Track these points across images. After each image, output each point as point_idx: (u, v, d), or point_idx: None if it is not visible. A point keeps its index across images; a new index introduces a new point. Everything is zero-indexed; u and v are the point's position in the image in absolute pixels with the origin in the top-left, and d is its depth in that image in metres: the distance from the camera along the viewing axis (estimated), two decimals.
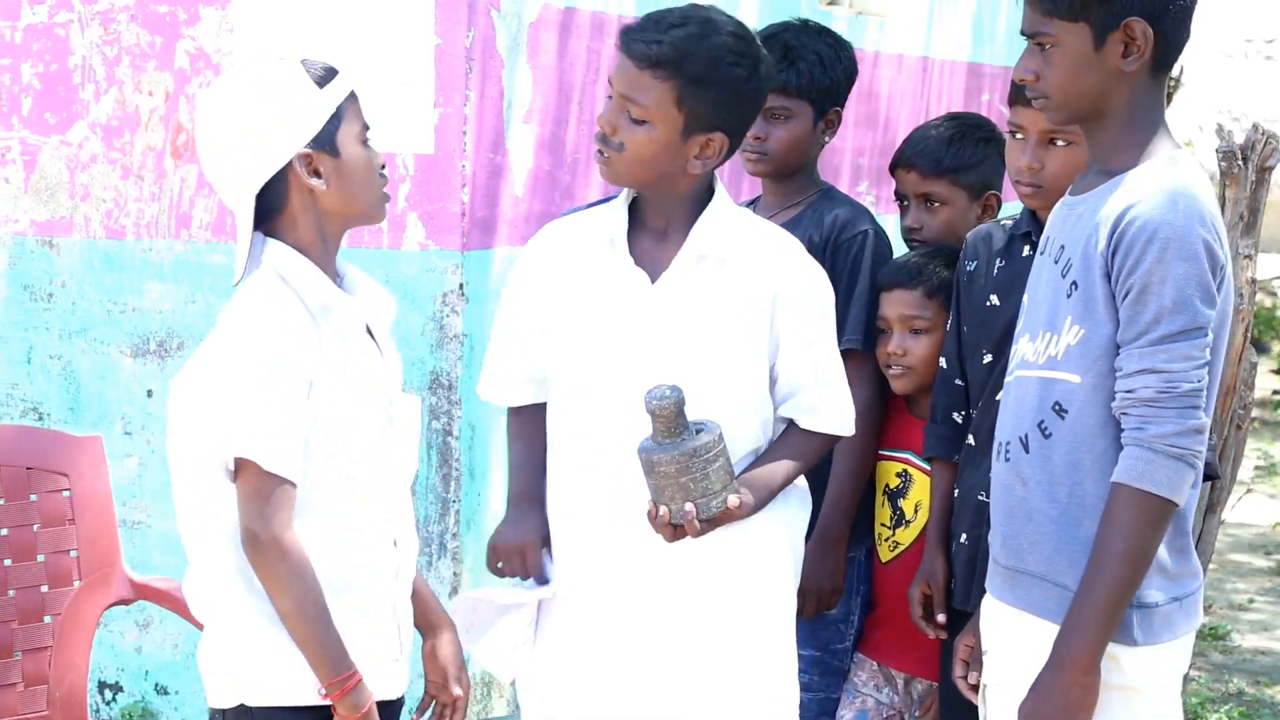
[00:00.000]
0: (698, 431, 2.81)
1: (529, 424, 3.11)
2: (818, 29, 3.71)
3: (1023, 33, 2.79)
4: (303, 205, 2.67)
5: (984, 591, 3.09)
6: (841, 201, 3.66)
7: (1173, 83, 12.32)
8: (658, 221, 2.90)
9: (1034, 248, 3.19)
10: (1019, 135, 3.22)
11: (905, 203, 3.71)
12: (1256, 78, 16.55)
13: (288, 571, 2.57)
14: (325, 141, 2.66)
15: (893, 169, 3.74)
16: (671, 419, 2.77)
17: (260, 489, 2.57)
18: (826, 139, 3.68)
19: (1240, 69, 16.72)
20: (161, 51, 4.38)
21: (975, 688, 3.14)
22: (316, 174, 2.66)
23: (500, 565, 3.03)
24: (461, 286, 4.21)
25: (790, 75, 3.56)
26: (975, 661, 3.12)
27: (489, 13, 4.23)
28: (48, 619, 3.26)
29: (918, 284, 3.47)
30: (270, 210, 2.67)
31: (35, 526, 3.27)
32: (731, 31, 2.84)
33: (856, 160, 6.53)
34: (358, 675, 2.62)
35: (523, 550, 2.99)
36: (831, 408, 2.96)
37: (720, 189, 2.93)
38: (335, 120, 2.66)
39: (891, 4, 6.83)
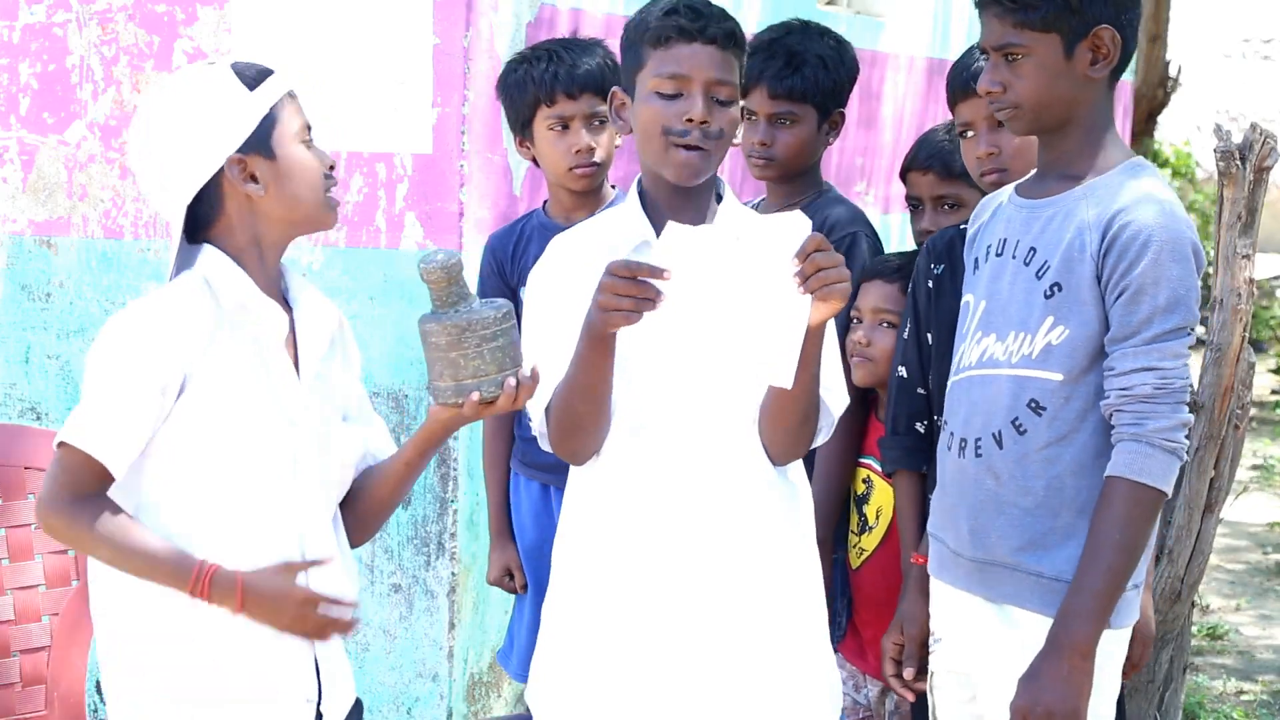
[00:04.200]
0: (484, 307, 2.60)
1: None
2: (819, 30, 3.71)
3: (985, 47, 2.81)
4: (239, 213, 2.63)
5: None
6: (837, 202, 3.66)
7: (1171, 83, 12.34)
8: (682, 217, 2.76)
9: None
10: (970, 134, 3.25)
11: (919, 206, 3.71)
12: (1254, 78, 16.56)
13: (87, 533, 2.53)
14: (259, 145, 2.60)
15: (904, 173, 3.73)
16: (442, 285, 2.57)
17: (67, 465, 2.54)
18: (831, 140, 3.69)
19: (1238, 69, 16.73)
20: (160, 51, 4.38)
21: (909, 685, 3.15)
22: (253, 179, 2.60)
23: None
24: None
25: (795, 80, 3.56)
26: (908, 657, 3.13)
27: (487, 13, 4.23)
28: (45, 619, 3.26)
29: (897, 279, 3.47)
30: (207, 219, 2.62)
31: (33, 526, 3.27)
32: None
33: (855, 160, 6.54)
34: (210, 566, 2.53)
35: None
36: (834, 382, 2.82)
37: (726, 186, 2.89)
38: (269, 122, 2.61)
39: (890, 4, 6.84)
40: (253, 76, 2.62)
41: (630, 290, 2.53)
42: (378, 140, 4.21)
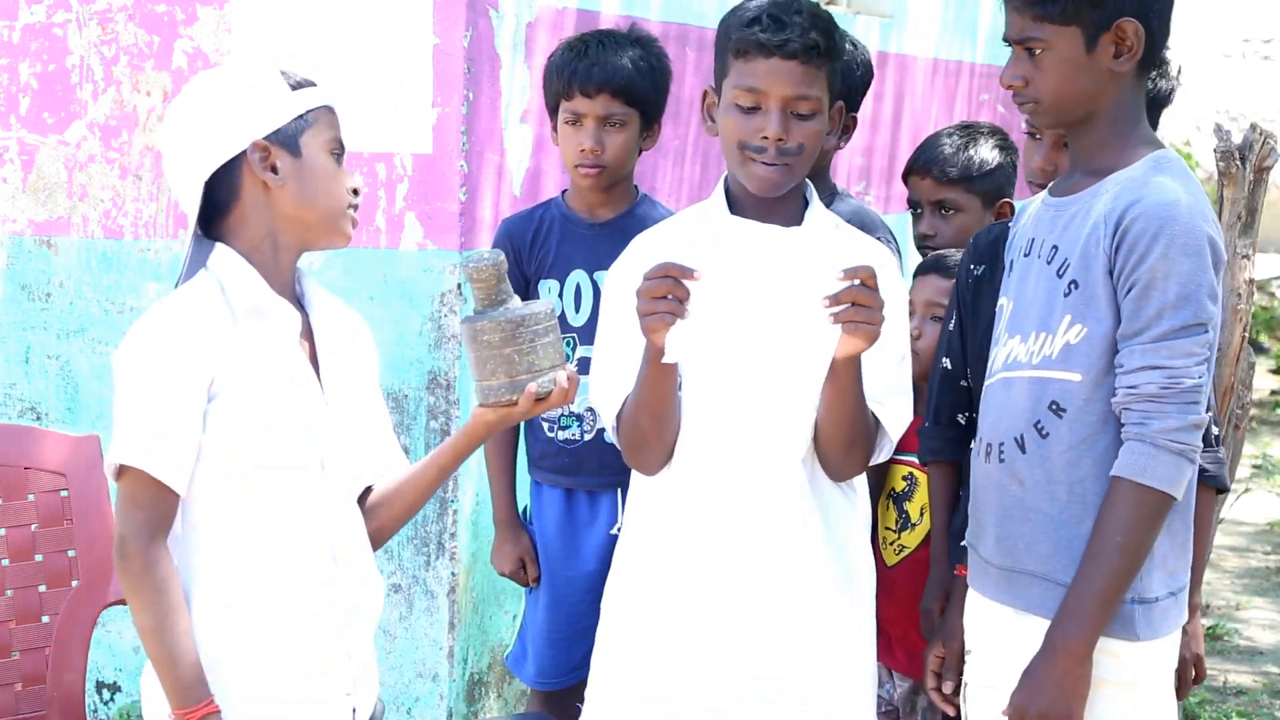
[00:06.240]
0: (531, 304, 2.64)
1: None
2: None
3: (1007, 39, 2.78)
4: (255, 204, 2.61)
5: None
6: (854, 208, 3.66)
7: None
8: (769, 221, 2.77)
9: None
10: (1037, 136, 3.24)
11: (919, 210, 3.72)
12: (1254, 78, 16.55)
13: (151, 586, 2.52)
14: (287, 139, 2.60)
15: (906, 176, 3.74)
16: (491, 285, 2.59)
17: (137, 494, 2.53)
18: (842, 144, 3.68)
19: (1238, 69, 16.71)
20: (159, 51, 4.38)
21: (949, 696, 3.15)
22: (273, 170, 2.60)
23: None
24: (459, 286, 4.21)
25: None
26: (948, 670, 3.13)
27: (487, 12, 4.23)
28: (45, 619, 3.25)
29: (953, 275, 3.48)
30: (222, 206, 2.62)
31: (33, 526, 3.27)
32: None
33: (855, 160, 6.53)
34: (214, 707, 2.54)
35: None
36: (896, 402, 2.83)
37: (813, 191, 2.92)
38: (302, 122, 2.61)
39: (890, 4, 6.83)
40: (297, 80, 2.64)
41: (662, 290, 2.55)
42: (378, 140, 4.21)
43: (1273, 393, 10.94)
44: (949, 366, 3.35)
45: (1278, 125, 5.47)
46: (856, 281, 2.54)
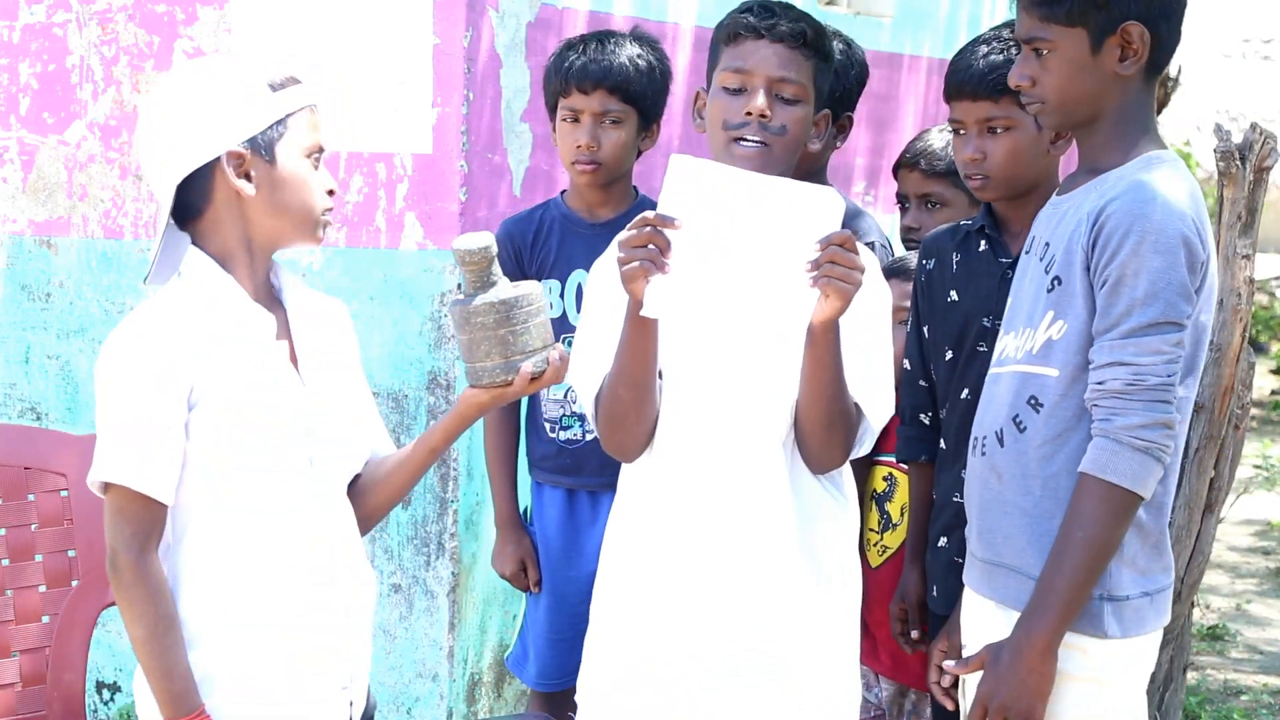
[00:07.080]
0: (521, 284, 2.65)
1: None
2: (831, 33, 3.71)
3: (1016, 39, 2.81)
4: (227, 208, 2.60)
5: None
6: (850, 210, 3.66)
7: (1171, 83, 12.33)
8: None
9: (990, 243, 3.23)
10: (961, 131, 3.26)
11: (906, 204, 3.73)
12: (1254, 78, 16.54)
13: (142, 598, 2.53)
14: (263, 146, 2.57)
15: (896, 170, 3.76)
16: (483, 268, 2.60)
17: (124, 509, 2.54)
18: (838, 144, 3.69)
19: (1238, 69, 16.71)
20: (159, 51, 4.38)
21: (948, 691, 3.16)
22: (246, 177, 2.58)
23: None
24: (459, 286, 4.21)
25: None
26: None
27: (487, 13, 4.23)
28: (46, 619, 3.25)
29: (909, 277, 3.50)
30: (195, 208, 2.60)
31: (33, 526, 3.26)
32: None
33: (853, 160, 6.53)
34: (205, 717, 2.55)
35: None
36: (877, 393, 2.84)
37: None
38: (280, 128, 2.59)
39: (890, 4, 6.83)
40: (278, 80, 2.60)
41: (642, 240, 2.57)
42: (378, 140, 4.21)
43: (1273, 393, 10.94)
44: (908, 367, 3.38)
45: (1278, 125, 5.47)
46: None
